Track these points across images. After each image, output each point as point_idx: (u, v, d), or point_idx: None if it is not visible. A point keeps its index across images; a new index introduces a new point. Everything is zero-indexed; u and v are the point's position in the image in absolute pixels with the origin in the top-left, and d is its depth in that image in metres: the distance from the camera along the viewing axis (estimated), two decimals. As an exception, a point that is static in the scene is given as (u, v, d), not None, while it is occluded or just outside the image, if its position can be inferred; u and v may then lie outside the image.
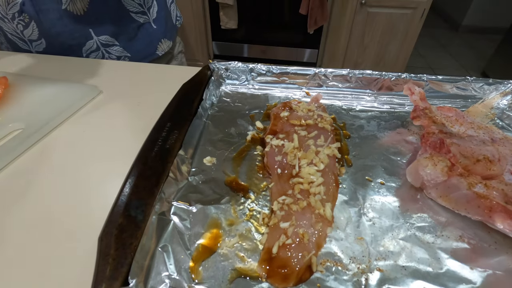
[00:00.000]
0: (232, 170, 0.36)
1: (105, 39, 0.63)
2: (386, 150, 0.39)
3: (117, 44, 0.64)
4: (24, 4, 0.53)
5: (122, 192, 0.29)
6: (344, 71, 0.49)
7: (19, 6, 0.53)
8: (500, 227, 0.27)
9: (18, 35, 0.58)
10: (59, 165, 0.38)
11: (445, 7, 3.33)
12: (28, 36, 0.58)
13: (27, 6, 0.54)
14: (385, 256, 0.28)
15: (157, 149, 0.34)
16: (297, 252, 0.27)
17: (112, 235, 0.25)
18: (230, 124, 0.43)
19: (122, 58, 0.66)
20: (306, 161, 0.34)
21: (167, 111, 0.40)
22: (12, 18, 0.55)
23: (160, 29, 0.69)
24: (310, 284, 0.26)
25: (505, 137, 0.37)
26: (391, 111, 0.46)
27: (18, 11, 0.54)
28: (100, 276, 0.23)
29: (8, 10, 0.54)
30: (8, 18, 0.55)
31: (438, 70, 2.47)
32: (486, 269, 0.26)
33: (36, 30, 0.57)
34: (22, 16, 0.54)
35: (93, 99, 0.50)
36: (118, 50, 0.65)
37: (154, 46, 0.70)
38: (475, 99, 0.48)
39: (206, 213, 0.31)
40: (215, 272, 0.26)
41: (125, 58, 0.67)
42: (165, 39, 0.71)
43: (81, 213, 0.32)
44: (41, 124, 0.42)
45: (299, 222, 0.29)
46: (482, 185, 0.30)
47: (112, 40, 0.64)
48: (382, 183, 0.35)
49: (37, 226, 0.31)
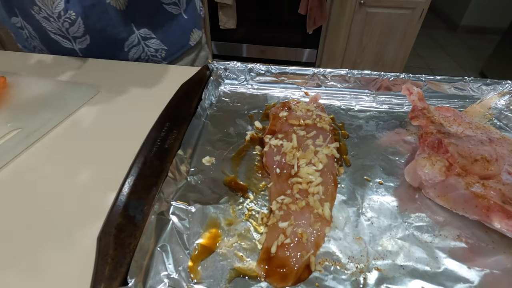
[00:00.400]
0: (231, 170, 0.36)
1: (144, 32, 0.63)
2: (385, 150, 0.39)
3: (154, 37, 0.65)
4: (69, 1, 0.53)
5: (121, 192, 0.29)
6: (342, 71, 0.49)
7: (63, 4, 0.53)
8: (498, 227, 0.28)
9: (63, 33, 0.58)
10: (58, 164, 0.38)
11: (444, 8, 3.34)
12: (73, 34, 0.58)
13: (72, 3, 0.53)
14: (383, 256, 0.28)
15: (156, 149, 0.34)
16: (296, 252, 0.27)
17: (111, 235, 0.25)
18: (229, 124, 0.43)
19: (159, 52, 0.66)
20: (305, 161, 0.35)
21: (166, 111, 0.40)
22: (58, 16, 0.54)
23: (191, 19, 0.69)
24: (309, 283, 0.26)
25: (502, 137, 0.37)
26: (389, 111, 0.46)
27: (63, 9, 0.53)
28: (99, 276, 0.23)
29: (54, 9, 0.53)
30: (54, 17, 0.54)
31: (436, 71, 2.48)
32: (483, 268, 0.27)
33: (82, 27, 0.57)
34: (68, 14, 0.54)
35: (91, 98, 0.50)
36: (155, 43, 0.65)
37: (187, 37, 0.70)
38: (473, 99, 0.48)
39: (205, 212, 0.31)
40: (214, 271, 0.26)
41: (162, 51, 0.67)
42: (196, 29, 0.72)
43: (80, 213, 0.32)
44: (39, 124, 0.42)
45: (297, 221, 0.29)
46: (479, 185, 0.30)
47: (150, 33, 0.64)
48: (380, 183, 0.35)
49: (35, 226, 0.31)
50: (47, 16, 0.55)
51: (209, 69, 0.50)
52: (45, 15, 0.55)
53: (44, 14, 0.54)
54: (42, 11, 0.54)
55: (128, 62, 0.61)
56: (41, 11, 0.54)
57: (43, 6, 0.53)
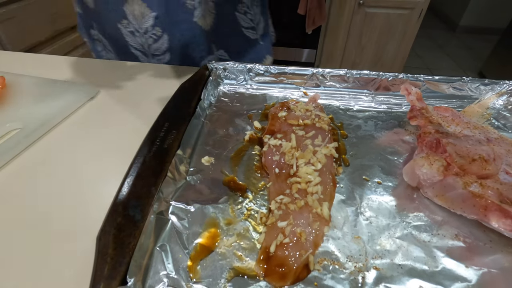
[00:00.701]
0: (230, 170, 0.36)
1: (221, 54, 0.64)
2: (383, 150, 0.39)
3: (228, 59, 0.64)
4: (158, 17, 0.53)
5: (120, 192, 0.29)
6: (341, 71, 0.49)
7: (152, 20, 0.53)
8: (495, 226, 0.28)
9: (144, 49, 0.58)
10: (57, 165, 0.38)
11: (443, 8, 3.35)
12: (154, 50, 0.58)
13: (161, 19, 0.54)
14: (382, 255, 0.28)
15: (155, 149, 0.34)
16: (295, 251, 0.27)
17: (110, 234, 0.25)
18: (228, 124, 0.43)
19: None
20: (304, 160, 0.35)
21: (165, 111, 0.40)
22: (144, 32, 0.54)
23: (265, 45, 0.69)
24: (308, 283, 0.26)
25: (500, 137, 0.38)
26: (388, 111, 0.47)
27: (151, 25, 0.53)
28: (98, 276, 0.23)
29: (142, 24, 0.54)
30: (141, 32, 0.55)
31: (435, 71, 2.49)
32: (481, 267, 0.27)
33: (166, 44, 0.57)
34: (155, 30, 0.54)
35: (91, 99, 0.50)
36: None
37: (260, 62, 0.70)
38: (471, 99, 0.48)
39: (204, 212, 0.31)
40: (213, 271, 0.26)
41: None
42: (268, 55, 0.71)
43: (80, 212, 0.32)
44: (38, 124, 0.42)
45: (296, 221, 0.29)
46: (477, 184, 0.30)
47: (226, 55, 0.65)
48: (379, 183, 0.35)
49: (35, 226, 0.31)
50: (133, 31, 0.55)
51: (208, 69, 0.50)
52: (131, 30, 0.55)
53: (131, 28, 0.55)
54: (130, 25, 0.54)
55: (128, 62, 0.61)
56: (129, 26, 0.54)
57: (133, 20, 0.53)
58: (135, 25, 0.54)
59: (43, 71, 0.57)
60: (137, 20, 0.53)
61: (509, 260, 0.27)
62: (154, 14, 0.53)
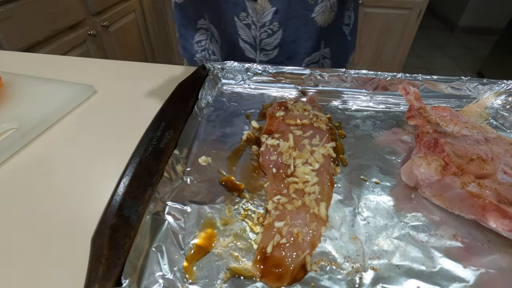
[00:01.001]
0: (227, 170, 0.36)
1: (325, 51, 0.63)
2: (381, 150, 0.39)
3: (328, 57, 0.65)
4: (277, 12, 0.53)
5: (116, 192, 0.29)
6: (339, 71, 0.49)
7: (271, 15, 0.53)
8: (493, 226, 0.28)
9: (255, 43, 0.58)
10: (53, 165, 0.38)
11: (441, 8, 3.35)
12: (265, 45, 0.58)
13: (280, 14, 0.54)
14: (379, 255, 0.28)
15: (152, 149, 0.34)
16: (292, 252, 0.27)
17: (105, 235, 0.25)
18: (225, 123, 0.43)
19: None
20: (301, 160, 0.34)
21: (162, 111, 0.39)
22: (261, 26, 0.55)
23: (353, 41, 0.69)
24: (304, 283, 0.26)
25: (498, 137, 0.38)
26: (386, 111, 0.46)
27: (270, 20, 0.54)
28: (92, 277, 0.23)
29: (261, 18, 0.54)
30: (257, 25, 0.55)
31: (434, 71, 2.49)
32: (479, 267, 0.27)
33: (278, 39, 0.57)
34: (272, 25, 0.54)
35: (88, 98, 0.50)
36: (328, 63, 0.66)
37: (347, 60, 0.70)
38: (469, 99, 0.48)
39: (201, 212, 0.31)
40: (209, 272, 0.26)
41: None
42: (353, 51, 0.71)
43: (75, 213, 0.32)
44: (35, 123, 0.42)
45: (293, 221, 0.29)
46: (475, 184, 0.30)
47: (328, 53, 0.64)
48: (377, 183, 0.35)
49: (29, 226, 0.31)
50: (249, 24, 0.55)
51: (206, 69, 0.50)
52: (248, 22, 0.55)
53: (247, 21, 0.55)
54: (248, 18, 0.54)
55: (125, 61, 0.61)
56: (247, 18, 0.54)
57: (253, 14, 0.54)
58: (254, 18, 0.54)
59: (40, 71, 0.57)
60: (256, 14, 0.54)
61: (507, 261, 0.27)
62: (274, 9, 0.53)
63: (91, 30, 1.28)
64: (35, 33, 1.06)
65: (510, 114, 0.45)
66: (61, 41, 1.17)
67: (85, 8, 1.25)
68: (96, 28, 1.32)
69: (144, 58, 1.74)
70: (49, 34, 1.11)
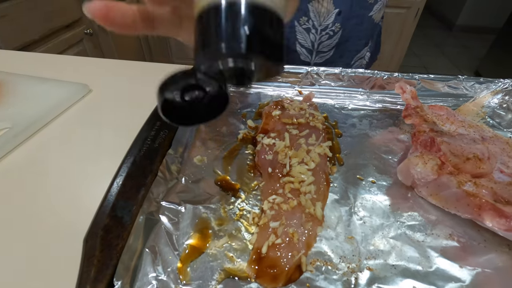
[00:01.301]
0: (223, 169, 0.36)
1: (372, 46, 0.65)
2: (378, 149, 0.39)
3: (369, 51, 0.66)
4: (340, 13, 0.54)
5: (109, 192, 0.28)
6: (336, 70, 0.49)
7: (334, 17, 0.54)
8: (489, 225, 0.27)
9: (312, 46, 0.59)
10: (46, 164, 0.37)
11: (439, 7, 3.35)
12: (323, 47, 0.59)
13: (342, 15, 0.54)
14: (375, 255, 0.27)
15: (146, 148, 0.33)
16: (287, 252, 0.27)
17: (98, 236, 0.25)
18: (221, 122, 0.43)
19: (365, 64, 0.69)
20: (297, 160, 0.34)
21: (156, 110, 0.39)
22: (323, 29, 0.55)
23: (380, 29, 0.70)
24: (300, 284, 0.25)
25: (495, 136, 0.37)
26: (383, 110, 0.46)
27: (332, 21, 0.54)
28: (84, 278, 0.22)
29: (323, 21, 0.54)
30: (318, 29, 0.55)
31: (432, 70, 2.49)
32: (475, 267, 0.26)
33: (337, 40, 0.58)
34: (334, 26, 0.55)
35: (82, 97, 0.49)
36: (368, 56, 0.67)
37: (379, 48, 0.71)
38: (466, 98, 0.48)
39: (195, 213, 0.30)
40: (203, 272, 0.26)
41: (365, 64, 0.69)
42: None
43: (67, 213, 0.32)
44: (28, 123, 0.41)
45: (289, 221, 0.29)
46: (471, 183, 0.30)
47: (372, 45, 0.66)
48: (373, 182, 0.35)
49: (21, 227, 0.30)
50: (309, 28, 0.56)
51: (202, 68, 0.50)
52: (308, 27, 0.55)
53: (308, 25, 0.55)
54: (308, 22, 0.55)
55: (121, 60, 0.60)
56: (307, 23, 0.55)
57: (314, 18, 0.54)
58: (315, 22, 0.55)
59: (35, 70, 0.56)
60: (320, 17, 0.54)
61: (503, 260, 0.27)
62: (337, 10, 0.54)
63: (87, 29, 1.28)
64: (30, 32, 1.05)
65: (506, 113, 0.45)
66: (57, 40, 1.16)
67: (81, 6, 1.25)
68: (93, 27, 1.31)
69: (141, 57, 1.73)
70: (45, 33, 1.10)
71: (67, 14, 1.18)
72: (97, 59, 0.62)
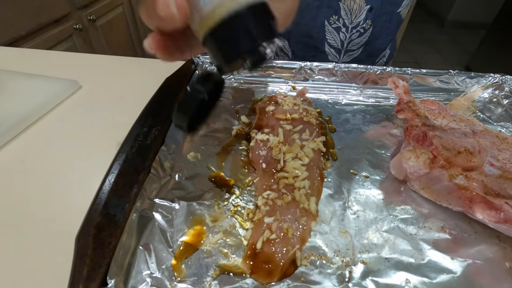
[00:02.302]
0: (217, 166, 0.35)
1: (395, 41, 0.65)
2: (371, 144, 0.39)
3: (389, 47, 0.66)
4: (372, 9, 0.53)
5: (101, 190, 0.28)
6: (330, 65, 0.49)
7: (365, 13, 0.53)
8: (480, 217, 0.28)
9: (341, 45, 0.58)
10: (36, 163, 0.37)
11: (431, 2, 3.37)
12: (352, 46, 0.58)
13: (373, 12, 0.53)
14: (369, 249, 0.28)
15: (138, 145, 0.33)
16: (282, 247, 0.27)
17: (90, 234, 0.24)
18: (214, 118, 0.42)
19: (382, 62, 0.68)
20: (291, 155, 0.34)
21: (149, 106, 0.38)
22: (354, 26, 0.54)
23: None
24: (295, 278, 0.25)
25: (485, 129, 0.38)
26: (376, 105, 0.46)
27: (364, 18, 0.53)
28: (76, 278, 0.22)
29: (355, 19, 0.54)
30: (349, 27, 0.54)
31: (423, 65, 2.51)
32: (466, 259, 0.27)
33: (366, 38, 0.57)
34: (365, 23, 0.54)
35: (72, 94, 0.48)
36: (388, 53, 0.66)
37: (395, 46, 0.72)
38: (457, 92, 0.48)
39: (189, 209, 0.30)
40: (198, 269, 0.26)
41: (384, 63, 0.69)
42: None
43: (58, 212, 0.31)
44: (16, 120, 0.40)
45: (283, 216, 0.29)
46: (463, 176, 0.30)
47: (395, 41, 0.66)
48: (366, 176, 0.35)
49: (11, 226, 0.29)
50: (339, 27, 0.55)
51: (194, 63, 0.49)
52: (338, 26, 0.55)
53: (338, 24, 0.55)
54: (338, 21, 0.54)
55: (111, 56, 0.59)
56: (337, 22, 0.54)
57: (345, 16, 0.54)
58: (346, 20, 0.54)
59: (22, 66, 0.54)
60: (350, 15, 0.54)
61: (493, 251, 0.28)
62: (368, 6, 0.53)
63: (77, 24, 1.25)
64: (17, 27, 1.02)
65: (496, 107, 0.45)
66: (46, 36, 1.13)
67: (70, 1, 1.21)
68: (83, 22, 1.28)
69: (133, 52, 1.70)
70: (33, 28, 1.07)
71: (56, 9, 1.15)
72: (87, 55, 0.61)
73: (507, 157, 0.34)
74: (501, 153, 0.34)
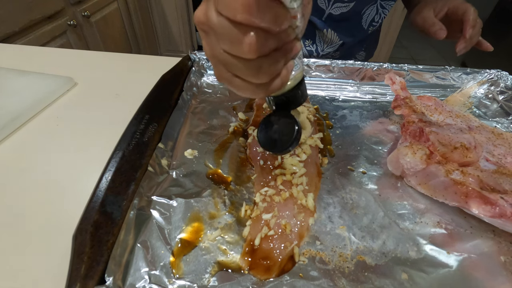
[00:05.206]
0: (214, 163, 0.35)
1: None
2: (368, 140, 0.39)
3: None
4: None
5: (98, 188, 0.28)
6: (326, 61, 0.49)
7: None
8: (475, 212, 0.28)
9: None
10: (31, 161, 0.36)
11: (427, -1, 3.38)
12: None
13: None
14: (366, 244, 0.28)
15: (135, 143, 0.33)
16: (280, 243, 0.27)
17: (87, 232, 0.24)
18: (212, 115, 0.42)
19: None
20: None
21: (145, 103, 0.38)
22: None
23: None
24: (293, 274, 0.26)
25: (481, 125, 0.38)
26: (373, 101, 0.47)
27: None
28: (74, 275, 0.22)
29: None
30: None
31: (420, 61, 2.52)
32: (462, 253, 0.27)
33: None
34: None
35: (67, 91, 0.48)
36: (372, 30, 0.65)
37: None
38: (453, 88, 0.49)
39: (187, 206, 0.30)
40: (196, 266, 0.26)
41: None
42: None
43: (55, 210, 0.31)
44: (11, 117, 0.40)
45: (281, 213, 0.29)
46: (459, 172, 0.30)
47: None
48: (363, 173, 0.35)
49: (8, 225, 0.29)
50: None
51: (191, 60, 0.49)
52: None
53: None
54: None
55: (107, 52, 0.59)
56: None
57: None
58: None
59: (15, 62, 0.54)
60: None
61: (489, 245, 0.28)
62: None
63: (71, 20, 1.23)
64: (10, 23, 1.00)
65: (492, 103, 0.46)
66: (39, 32, 1.12)
67: (64, -3, 1.20)
68: (77, 18, 1.26)
69: (128, 49, 1.68)
70: (26, 24, 1.06)
71: (49, 5, 1.14)
72: (82, 51, 0.60)
73: (502, 152, 0.34)
74: (497, 149, 0.34)
